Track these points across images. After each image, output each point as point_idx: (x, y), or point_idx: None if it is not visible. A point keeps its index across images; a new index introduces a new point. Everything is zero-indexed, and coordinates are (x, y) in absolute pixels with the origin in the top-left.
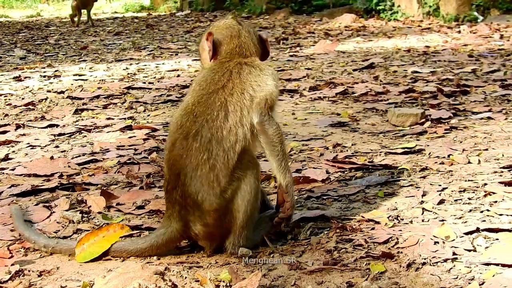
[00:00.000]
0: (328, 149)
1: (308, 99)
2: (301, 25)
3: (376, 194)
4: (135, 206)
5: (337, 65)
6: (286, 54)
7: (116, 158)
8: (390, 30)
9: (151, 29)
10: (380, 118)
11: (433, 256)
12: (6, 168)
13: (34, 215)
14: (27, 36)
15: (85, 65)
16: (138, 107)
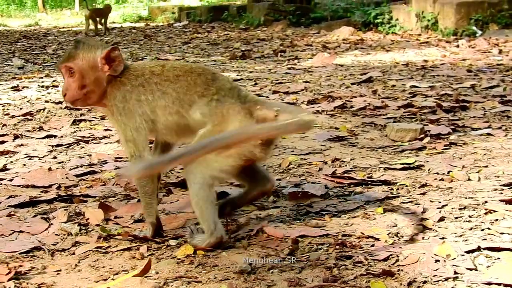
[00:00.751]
0: (326, 164)
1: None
2: (299, 38)
3: (376, 210)
4: (133, 219)
5: (335, 79)
6: (284, 67)
7: (114, 170)
8: (388, 44)
9: (149, 39)
10: (379, 133)
11: (434, 275)
12: (4, 179)
13: (32, 227)
14: (25, 45)
15: None
16: None
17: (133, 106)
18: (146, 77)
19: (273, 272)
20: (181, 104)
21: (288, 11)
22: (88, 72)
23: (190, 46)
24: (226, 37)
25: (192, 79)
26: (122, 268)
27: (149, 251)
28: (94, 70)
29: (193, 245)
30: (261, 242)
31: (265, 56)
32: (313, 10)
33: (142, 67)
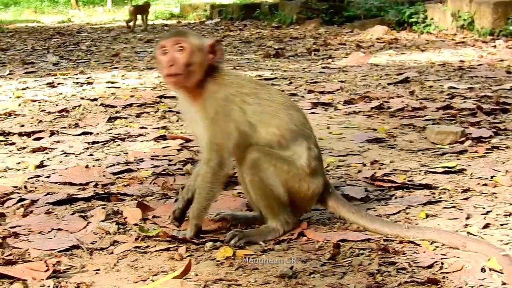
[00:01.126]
0: (365, 166)
1: (343, 113)
2: (332, 36)
3: (418, 215)
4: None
5: (371, 78)
6: (318, 66)
7: (151, 169)
8: (423, 43)
9: None
10: (418, 135)
11: (480, 285)
12: (41, 175)
13: (70, 225)
14: (59, 41)
15: (117, 73)
16: (171, 117)
17: (233, 111)
18: (252, 89)
19: (314, 276)
20: (283, 134)
21: (320, 9)
22: (196, 53)
23: (223, 44)
24: (258, 35)
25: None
26: (161, 269)
27: (187, 252)
28: (201, 53)
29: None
30: (301, 246)
31: (298, 55)
32: (346, 9)
33: (244, 77)
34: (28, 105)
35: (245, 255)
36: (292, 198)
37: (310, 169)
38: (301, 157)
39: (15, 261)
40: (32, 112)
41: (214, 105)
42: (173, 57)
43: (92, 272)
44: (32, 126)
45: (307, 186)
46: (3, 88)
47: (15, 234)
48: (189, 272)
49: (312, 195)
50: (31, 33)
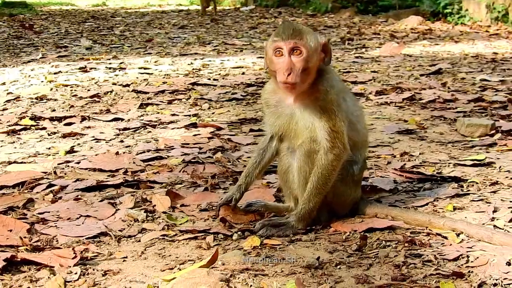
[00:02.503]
0: (395, 157)
1: (374, 104)
2: (367, 26)
3: (446, 208)
4: (199, 209)
5: (403, 69)
6: (351, 55)
7: (181, 156)
8: (457, 35)
9: (215, 23)
10: (448, 127)
11: (504, 278)
12: (71, 161)
13: (99, 212)
14: (93, 26)
15: (150, 58)
16: (203, 104)
17: (343, 103)
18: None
19: (340, 268)
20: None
21: None
22: (312, 55)
23: (257, 32)
24: None
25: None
26: (188, 257)
27: (215, 241)
28: (316, 54)
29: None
30: (328, 237)
31: (332, 44)
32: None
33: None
34: (60, 90)
35: (272, 245)
36: (333, 199)
37: (358, 178)
38: (357, 164)
39: (43, 247)
40: (63, 96)
41: (331, 99)
42: (290, 63)
43: (119, 260)
44: (64, 111)
45: (349, 192)
46: (35, 72)
47: (43, 220)
48: (216, 261)
49: (351, 202)
50: (65, 16)
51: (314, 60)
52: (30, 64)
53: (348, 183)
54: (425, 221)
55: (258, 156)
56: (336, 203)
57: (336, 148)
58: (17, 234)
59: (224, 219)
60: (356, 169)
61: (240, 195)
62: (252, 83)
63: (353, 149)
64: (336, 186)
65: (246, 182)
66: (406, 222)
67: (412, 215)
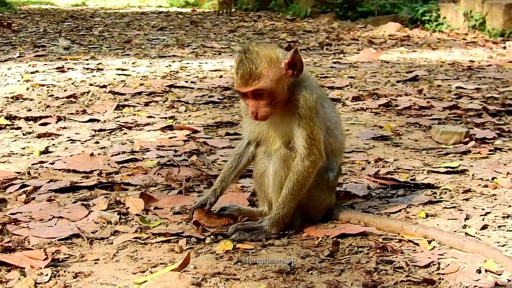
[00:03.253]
0: (370, 164)
1: (350, 109)
2: (345, 31)
3: (418, 214)
4: (172, 212)
5: (380, 75)
6: (329, 61)
7: (156, 159)
8: (435, 42)
9: (195, 26)
10: (423, 134)
11: (474, 285)
12: (45, 162)
13: (72, 213)
14: (72, 25)
15: (128, 60)
16: (180, 107)
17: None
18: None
19: (312, 273)
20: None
21: (335, 3)
22: (276, 87)
23: (236, 35)
24: (272, 27)
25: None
26: (161, 260)
27: (188, 245)
28: (280, 80)
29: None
30: (301, 242)
31: (310, 49)
32: (360, 4)
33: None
34: (36, 89)
35: (244, 250)
36: (307, 204)
37: (333, 184)
38: (333, 171)
39: (14, 248)
40: (40, 96)
41: (309, 106)
42: (255, 105)
43: (91, 262)
44: (39, 111)
45: (324, 198)
46: (12, 71)
47: (15, 220)
48: (188, 264)
49: (325, 207)
50: (44, 15)
51: (279, 88)
52: (7, 63)
53: (323, 189)
54: (398, 227)
55: (234, 161)
56: (310, 208)
57: (312, 155)
58: None
59: (197, 222)
60: (332, 176)
61: (215, 199)
62: (229, 87)
63: (330, 155)
64: (311, 192)
65: (222, 186)
66: (379, 228)
67: (385, 221)
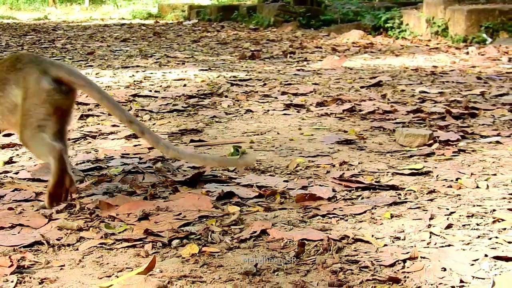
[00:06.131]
0: (334, 167)
1: (315, 115)
2: (309, 39)
3: (383, 215)
4: (137, 218)
5: (344, 82)
6: (293, 68)
7: (121, 166)
8: (398, 48)
9: (158, 37)
10: (388, 138)
11: (439, 283)
12: (9, 172)
13: (35, 221)
14: (34, 39)
15: (92, 71)
16: (144, 115)
17: None
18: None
19: (278, 274)
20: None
21: (298, 12)
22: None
23: (199, 45)
24: (235, 36)
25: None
26: (126, 265)
27: (154, 249)
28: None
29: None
30: (267, 244)
31: (274, 57)
32: (323, 13)
33: None
34: None
35: (210, 253)
36: None
37: None
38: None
39: None
40: None
41: None
42: None
43: (56, 268)
44: None
45: None
46: None
47: None
48: (154, 268)
49: None
50: (6, 29)
51: None
52: None
53: None
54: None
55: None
56: None
57: None
58: None
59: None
60: None
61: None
62: (193, 95)
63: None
64: None
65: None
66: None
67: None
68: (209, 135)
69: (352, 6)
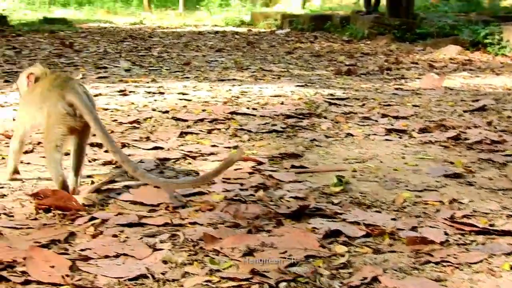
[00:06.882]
0: (444, 205)
1: (418, 142)
2: (404, 54)
3: (502, 267)
4: (242, 253)
5: (445, 104)
6: (391, 87)
7: (223, 193)
8: (498, 66)
9: (252, 47)
10: (497, 172)
11: None
12: (112, 190)
13: (140, 251)
14: (131, 45)
15: (189, 83)
16: (243, 135)
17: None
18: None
19: None
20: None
21: (393, 25)
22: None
23: (293, 57)
24: (329, 48)
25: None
26: None
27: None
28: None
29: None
30: None
31: (370, 73)
32: (418, 26)
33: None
34: (100, 114)
35: None
36: None
37: None
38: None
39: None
40: (104, 121)
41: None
42: None
43: None
44: None
45: None
46: None
47: (85, 257)
48: None
49: None
50: (104, 34)
51: None
52: None
53: None
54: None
55: None
56: None
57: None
58: (59, 271)
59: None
60: None
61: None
62: (291, 114)
63: None
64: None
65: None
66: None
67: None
68: (309, 160)
69: (448, 20)
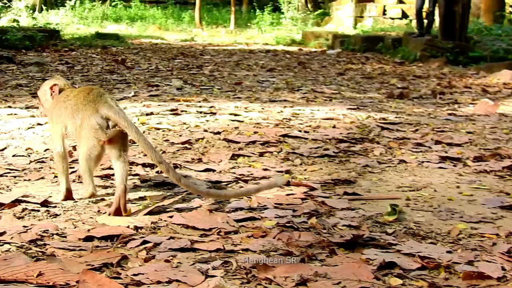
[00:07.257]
0: (500, 238)
1: (472, 171)
2: (457, 78)
3: None
4: (295, 283)
5: (500, 131)
6: (444, 112)
7: (275, 219)
8: None
9: (303, 67)
10: None
11: None
12: (164, 212)
13: (192, 277)
14: (183, 63)
15: (240, 104)
16: (295, 159)
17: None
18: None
19: None
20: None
21: (446, 48)
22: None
23: (344, 78)
24: (381, 70)
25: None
26: None
27: None
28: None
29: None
30: None
31: (423, 97)
32: (472, 49)
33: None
34: (152, 133)
35: None
36: None
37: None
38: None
39: None
40: (155, 141)
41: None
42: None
43: None
44: None
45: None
46: (128, 111)
47: (137, 282)
48: None
49: None
50: (156, 51)
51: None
52: (123, 101)
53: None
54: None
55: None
56: None
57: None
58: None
59: None
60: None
61: None
62: (344, 139)
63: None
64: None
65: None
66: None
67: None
68: (362, 187)
69: (502, 43)
